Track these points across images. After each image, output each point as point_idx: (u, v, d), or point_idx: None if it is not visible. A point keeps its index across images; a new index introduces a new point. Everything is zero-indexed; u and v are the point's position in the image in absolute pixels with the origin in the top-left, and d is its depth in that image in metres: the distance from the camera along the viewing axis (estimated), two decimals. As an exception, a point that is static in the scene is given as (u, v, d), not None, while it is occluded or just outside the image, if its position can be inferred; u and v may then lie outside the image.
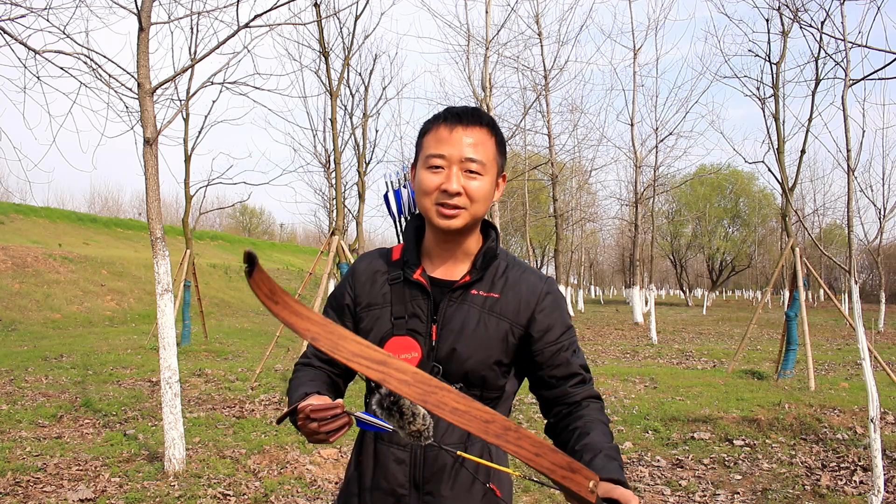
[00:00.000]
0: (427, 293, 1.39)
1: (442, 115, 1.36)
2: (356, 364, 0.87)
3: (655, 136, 16.77)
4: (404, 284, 1.41)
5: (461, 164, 1.32)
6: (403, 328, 1.37)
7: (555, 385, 1.41)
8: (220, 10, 5.07)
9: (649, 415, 6.03)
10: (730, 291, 63.54)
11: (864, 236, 14.91)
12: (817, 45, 6.27)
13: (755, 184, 40.38)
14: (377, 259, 1.47)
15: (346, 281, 1.48)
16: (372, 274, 1.45)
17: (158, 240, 4.49)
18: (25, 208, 26.58)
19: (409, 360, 1.33)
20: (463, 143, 1.32)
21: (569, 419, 1.39)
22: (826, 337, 15.02)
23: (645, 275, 22.28)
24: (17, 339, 12.36)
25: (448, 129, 1.33)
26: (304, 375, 1.44)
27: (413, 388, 0.87)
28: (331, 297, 1.51)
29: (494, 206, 14.65)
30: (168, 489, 4.08)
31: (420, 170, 1.36)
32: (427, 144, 1.35)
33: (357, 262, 1.49)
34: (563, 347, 1.41)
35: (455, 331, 1.36)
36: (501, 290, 1.41)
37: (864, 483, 4.21)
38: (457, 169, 1.32)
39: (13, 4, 4.57)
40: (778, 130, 8.21)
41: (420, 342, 1.36)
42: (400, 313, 1.39)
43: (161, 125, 4.67)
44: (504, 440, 0.88)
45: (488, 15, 13.24)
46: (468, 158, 1.32)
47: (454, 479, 1.37)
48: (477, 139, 1.33)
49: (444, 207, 1.32)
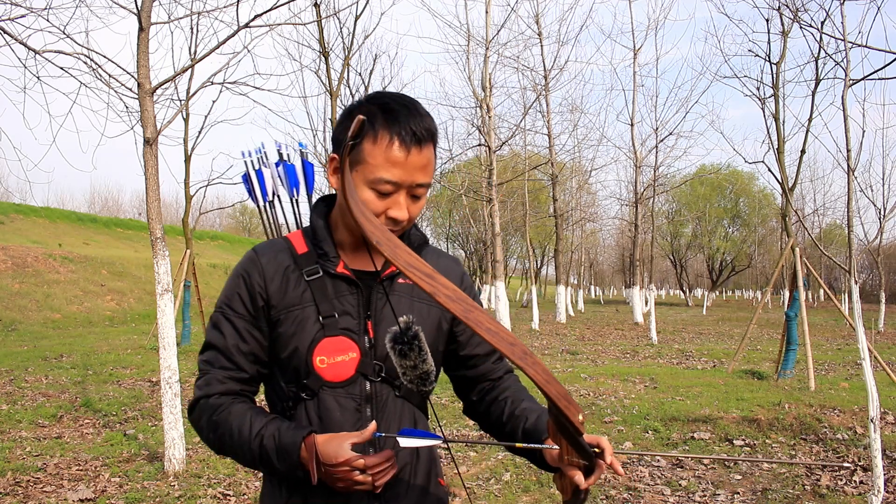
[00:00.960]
0: (357, 287, 1.27)
1: (393, 127, 1.18)
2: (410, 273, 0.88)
3: (655, 136, 16.79)
4: (326, 280, 1.27)
5: (410, 190, 1.21)
6: (335, 328, 1.25)
7: (477, 363, 1.40)
8: (220, 10, 5.08)
9: (649, 415, 6.03)
10: (730, 291, 63.54)
11: (864, 236, 14.92)
12: (817, 45, 6.27)
13: (755, 184, 40.41)
14: (280, 253, 1.30)
15: (248, 280, 1.27)
16: (282, 270, 1.28)
17: (158, 240, 4.49)
18: (25, 208, 26.58)
19: (346, 362, 1.24)
20: (416, 169, 1.20)
21: (494, 392, 1.40)
22: (826, 337, 15.02)
23: (645, 275, 22.28)
24: (17, 339, 12.36)
25: (404, 151, 1.18)
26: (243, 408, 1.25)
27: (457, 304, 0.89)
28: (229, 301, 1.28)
29: (494, 207, 14.65)
30: (168, 489, 4.08)
31: (360, 185, 1.19)
32: (374, 160, 1.18)
33: (258, 257, 1.29)
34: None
35: (391, 324, 1.25)
36: None
37: (864, 483, 4.21)
38: (405, 195, 1.21)
39: (13, 4, 4.58)
40: (778, 130, 8.21)
41: (356, 340, 1.25)
42: (328, 312, 1.25)
43: (161, 125, 4.67)
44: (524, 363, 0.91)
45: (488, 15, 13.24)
46: (419, 185, 1.22)
47: (410, 484, 1.31)
48: (428, 159, 1.22)
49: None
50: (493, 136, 13.82)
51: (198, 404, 1.28)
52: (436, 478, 1.37)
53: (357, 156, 1.20)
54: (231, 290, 1.28)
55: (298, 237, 1.32)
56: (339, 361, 1.25)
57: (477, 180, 17.55)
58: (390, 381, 1.28)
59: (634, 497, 4.10)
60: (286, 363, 1.26)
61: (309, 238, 1.31)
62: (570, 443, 1.07)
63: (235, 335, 1.26)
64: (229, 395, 1.27)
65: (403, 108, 1.21)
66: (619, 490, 4.20)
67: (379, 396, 1.27)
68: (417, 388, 1.13)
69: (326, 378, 1.24)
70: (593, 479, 1.12)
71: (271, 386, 1.32)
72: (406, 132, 1.18)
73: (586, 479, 1.12)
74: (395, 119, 1.19)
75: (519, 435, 1.32)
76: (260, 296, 1.26)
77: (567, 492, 1.16)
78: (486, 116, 13.53)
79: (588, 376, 8.07)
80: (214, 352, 1.28)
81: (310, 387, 1.25)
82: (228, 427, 1.23)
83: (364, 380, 1.26)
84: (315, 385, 1.25)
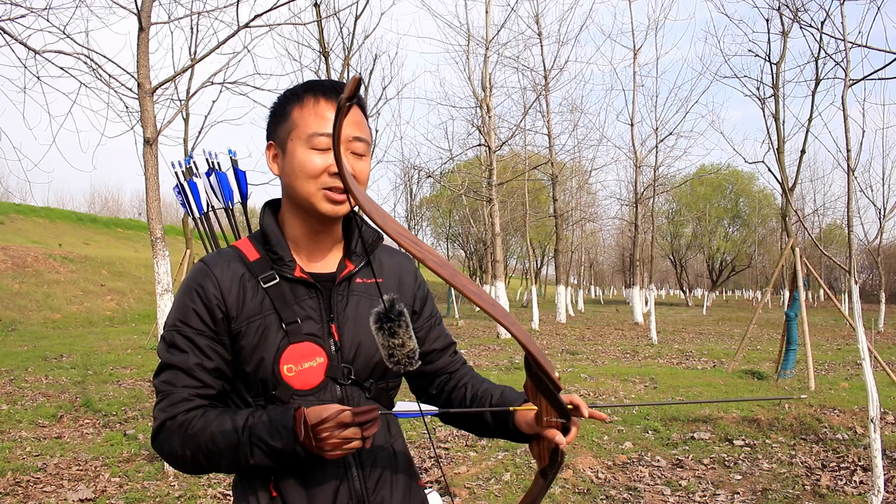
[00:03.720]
0: (316, 290, 1.24)
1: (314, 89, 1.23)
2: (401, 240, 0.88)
3: (655, 136, 16.80)
4: (283, 285, 1.22)
5: (347, 145, 1.20)
6: (300, 333, 1.20)
7: (435, 359, 1.40)
8: (220, 10, 5.09)
9: (649, 415, 6.03)
10: (730, 291, 63.54)
11: (864, 236, 14.93)
12: (817, 45, 6.28)
13: (755, 184, 40.43)
14: (232, 262, 1.24)
15: (202, 294, 1.20)
16: (238, 280, 1.22)
17: (158, 240, 4.49)
18: (25, 208, 26.59)
19: (314, 368, 1.20)
20: (349, 122, 1.20)
21: (453, 381, 1.41)
22: (826, 337, 15.02)
23: (645, 275, 22.29)
24: (17, 339, 12.36)
25: (330, 104, 1.20)
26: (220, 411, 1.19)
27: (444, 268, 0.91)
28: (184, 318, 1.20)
29: (494, 207, 14.64)
30: (168, 489, 4.08)
31: (298, 149, 1.20)
32: (305, 121, 1.20)
33: (209, 268, 1.23)
34: (438, 320, 1.42)
35: (354, 326, 1.24)
36: (380, 272, 1.34)
37: (864, 483, 4.21)
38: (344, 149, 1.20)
39: (13, 4, 4.58)
40: (778, 130, 8.21)
41: (322, 345, 1.21)
42: (291, 318, 1.20)
43: (161, 125, 4.67)
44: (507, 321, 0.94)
45: (488, 15, 13.24)
46: (355, 138, 1.21)
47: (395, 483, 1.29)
48: (359, 117, 1.23)
49: (333, 192, 1.19)
50: (493, 136, 13.82)
51: (163, 428, 1.18)
52: (416, 480, 1.36)
53: (286, 127, 1.22)
54: (184, 306, 1.20)
55: (247, 244, 1.27)
56: (307, 368, 1.20)
57: (477, 180, 17.55)
58: (360, 383, 1.26)
59: (634, 497, 4.09)
60: (251, 376, 1.21)
61: (260, 244, 1.26)
62: (550, 401, 1.09)
63: (197, 352, 1.19)
64: (199, 410, 1.18)
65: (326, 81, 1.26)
66: (620, 490, 4.20)
67: (351, 400, 1.24)
68: (405, 367, 1.07)
69: (296, 387, 1.20)
70: (571, 437, 1.13)
71: (235, 403, 1.25)
72: (328, 90, 1.22)
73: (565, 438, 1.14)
74: (318, 84, 1.24)
75: (487, 416, 1.32)
76: (218, 308, 1.19)
77: (544, 457, 1.18)
78: (486, 116, 13.53)
79: (588, 376, 8.07)
80: (174, 371, 1.19)
81: (279, 398, 1.20)
82: (208, 433, 1.14)
83: (334, 384, 1.23)
84: (284, 395, 1.20)
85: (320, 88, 1.23)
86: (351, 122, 1.20)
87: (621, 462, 4.78)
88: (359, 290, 1.29)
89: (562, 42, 15.64)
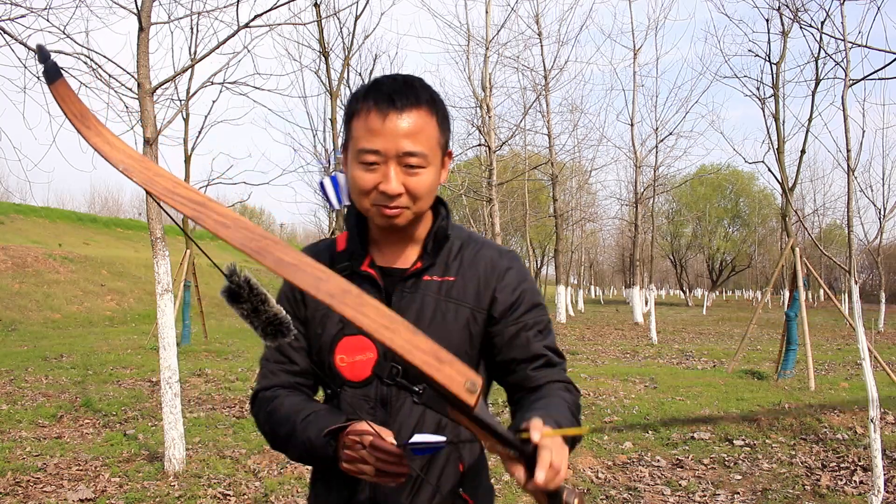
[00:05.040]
0: (378, 285, 1.24)
1: (371, 95, 1.15)
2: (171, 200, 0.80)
3: (655, 136, 16.79)
4: (352, 277, 1.22)
5: (399, 160, 1.13)
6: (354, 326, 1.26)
7: (515, 369, 1.25)
8: (220, 10, 5.08)
9: (649, 415, 6.03)
10: (730, 291, 63.52)
11: (864, 236, 14.93)
12: (817, 45, 6.27)
13: (755, 184, 40.41)
14: (322, 251, 1.31)
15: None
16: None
17: (158, 240, 4.49)
18: (25, 208, 26.57)
19: (364, 362, 1.23)
20: (399, 135, 1.12)
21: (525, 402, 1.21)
22: (826, 337, 15.02)
23: (645, 275, 22.28)
24: (17, 339, 12.36)
25: (380, 116, 1.13)
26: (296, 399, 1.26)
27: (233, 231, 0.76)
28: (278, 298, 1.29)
29: (494, 207, 14.64)
30: (168, 489, 4.08)
31: (352, 164, 1.17)
32: (357, 133, 1.15)
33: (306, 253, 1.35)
34: (525, 326, 1.25)
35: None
36: (457, 271, 1.26)
37: (864, 483, 4.21)
38: (394, 166, 1.14)
39: (13, 4, 4.58)
40: (778, 130, 8.21)
41: (374, 341, 1.22)
42: None
43: (161, 125, 4.67)
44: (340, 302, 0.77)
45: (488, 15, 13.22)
46: (406, 153, 1.13)
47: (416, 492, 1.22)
48: (415, 125, 1.13)
49: (385, 208, 1.16)
50: (493, 136, 13.82)
51: (256, 398, 1.31)
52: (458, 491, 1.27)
53: (347, 136, 1.20)
54: (280, 291, 1.31)
55: (343, 236, 1.32)
56: (358, 361, 1.23)
57: (477, 180, 17.55)
58: (408, 386, 1.21)
59: (634, 497, 4.09)
60: (317, 362, 1.29)
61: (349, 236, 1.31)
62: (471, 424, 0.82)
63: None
64: (285, 388, 1.29)
65: (390, 79, 1.17)
66: (620, 490, 4.20)
67: (393, 401, 1.23)
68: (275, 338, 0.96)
69: (347, 377, 1.24)
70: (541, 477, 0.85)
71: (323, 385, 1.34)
72: (382, 97, 1.13)
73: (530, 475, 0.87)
74: (376, 89, 1.15)
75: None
76: (296, 294, 1.29)
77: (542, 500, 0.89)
78: (486, 116, 13.53)
79: (588, 376, 8.07)
80: (269, 348, 1.29)
81: (334, 385, 1.26)
82: (280, 416, 1.23)
83: (379, 382, 1.23)
84: (337, 383, 1.26)
85: (375, 95, 1.15)
86: (400, 132, 1.12)
87: (621, 462, 4.78)
88: (426, 288, 1.24)
89: (562, 42, 15.59)
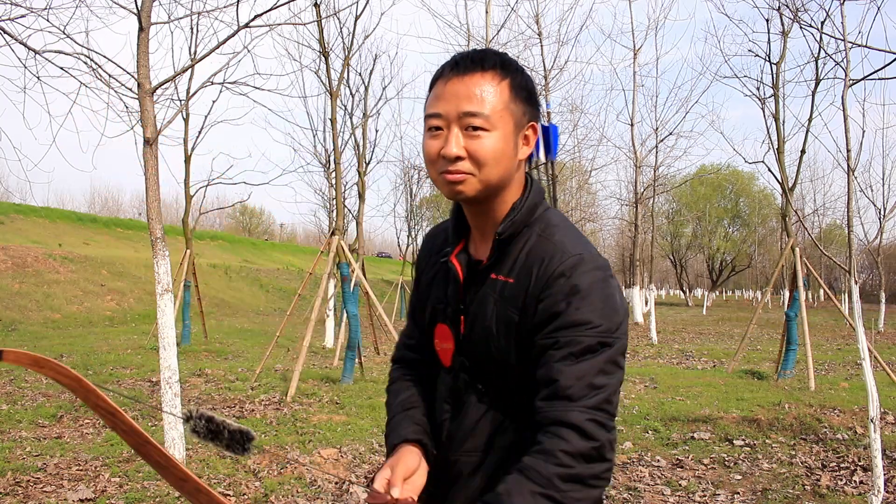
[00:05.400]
0: (457, 279, 1.21)
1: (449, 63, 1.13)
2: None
3: (655, 136, 16.79)
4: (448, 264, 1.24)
5: (460, 122, 1.08)
6: (443, 315, 1.24)
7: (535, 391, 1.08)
8: (220, 10, 5.08)
9: (649, 415, 6.03)
10: (730, 291, 63.53)
11: (864, 236, 14.93)
12: (817, 45, 6.28)
13: (755, 184, 40.42)
14: (441, 233, 1.31)
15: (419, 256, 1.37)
16: (435, 250, 1.31)
17: (158, 240, 4.49)
18: (25, 208, 26.57)
19: (447, 350, 1.24)
20: (460, 96, 1.08)
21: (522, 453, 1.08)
22: (826, 337, 15.02)
23: (645, 275, 22.28)
24: (17, 339, 12.36)
25: (443, 82, 1.10)
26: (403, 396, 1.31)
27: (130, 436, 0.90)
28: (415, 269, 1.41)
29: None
30: (168, 489, 4.08)
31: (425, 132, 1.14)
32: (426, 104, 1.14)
33: (428, 235, 1.37)
34: (556, 344, 1.05)
35: (474, 322, 1.18)
36: (517, 272, 1.14)
37: (864, 483, 4.21)
38: (456, 129, 1.09)
39: (13, 4, 4.58)
40: (778, 130, 8.21)
41: (453, 332, 1.22)
42: (440, 299, 1.25)
43: (161, 125, 4.67)
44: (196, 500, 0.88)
45: (488, 15, 13.22)
46: (465, 113, 1.07)
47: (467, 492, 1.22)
48: (477, 85, 1.08)
49: (447, 174, 1.10)
50: (493, 136, 13.80)
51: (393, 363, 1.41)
52: None
53: None
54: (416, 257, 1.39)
55: None
56: (444, 348, 1.26)
57: (477, 180, 17.50)
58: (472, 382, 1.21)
59: (634, 497, 4.09)
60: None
61: None
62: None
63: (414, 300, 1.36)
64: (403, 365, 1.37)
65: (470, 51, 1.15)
66: (619, 490, 4.20)
67: (462, 394, 1.22)
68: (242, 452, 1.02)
69: (441, 360, 1.28)
70: None
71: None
72: (449, 65, 1.12)
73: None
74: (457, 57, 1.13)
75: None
76: (419, 267, 1.35)
77: None
78: (486, 116, 13.52)
79: (588, 376, 8.06)
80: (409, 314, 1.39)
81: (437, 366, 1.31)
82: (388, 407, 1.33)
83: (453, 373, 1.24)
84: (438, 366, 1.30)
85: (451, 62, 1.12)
86: (462, 94, 1.08)
87: (621, 462, 4.78)
88: (491, 286, 1.17)
89: (562, 42, 15.59)
